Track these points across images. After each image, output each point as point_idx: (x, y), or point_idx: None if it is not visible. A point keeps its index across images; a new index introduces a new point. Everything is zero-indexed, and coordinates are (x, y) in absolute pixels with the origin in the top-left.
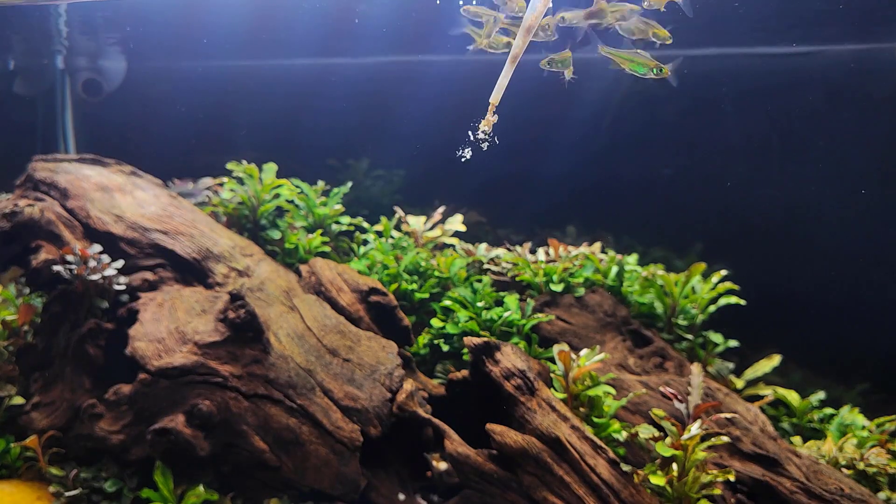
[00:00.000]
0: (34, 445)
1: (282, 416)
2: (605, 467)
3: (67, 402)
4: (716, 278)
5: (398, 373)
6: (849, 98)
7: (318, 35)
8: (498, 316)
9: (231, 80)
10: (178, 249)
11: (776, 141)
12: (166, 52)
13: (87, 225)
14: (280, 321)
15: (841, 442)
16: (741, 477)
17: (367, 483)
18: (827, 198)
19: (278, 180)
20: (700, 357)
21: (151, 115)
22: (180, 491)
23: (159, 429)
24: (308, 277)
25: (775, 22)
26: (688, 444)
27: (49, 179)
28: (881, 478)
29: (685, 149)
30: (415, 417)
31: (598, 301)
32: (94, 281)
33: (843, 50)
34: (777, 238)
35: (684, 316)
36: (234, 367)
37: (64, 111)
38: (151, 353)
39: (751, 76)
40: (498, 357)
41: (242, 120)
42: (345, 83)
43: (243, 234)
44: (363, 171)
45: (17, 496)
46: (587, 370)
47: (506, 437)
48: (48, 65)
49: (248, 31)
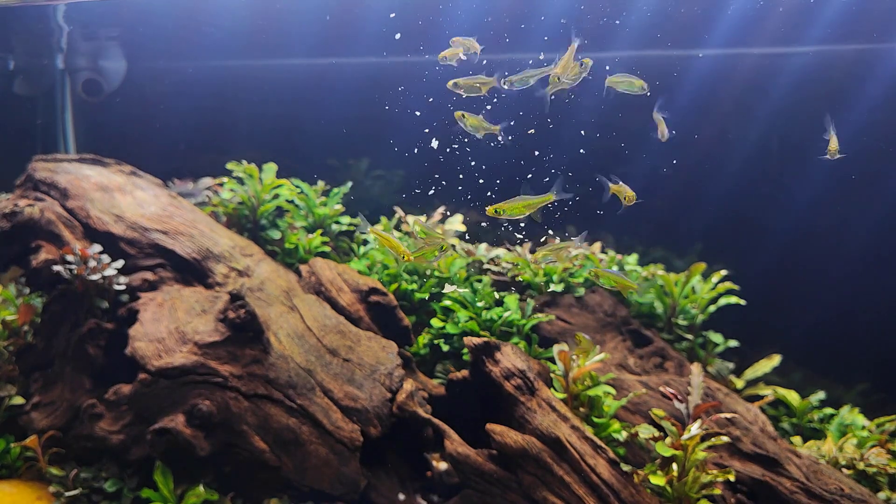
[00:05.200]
0: (34, 445)
1: (282, 416)
2: (605, 467)
3: (67, 402)
4: (716, 278)
5: (398, 373)
6: (849, 98)
7: (318, 35)
8: (498, 316)
9: (231, 80)
10: (178, 249)
11: (776, 141)
12: (166, 52)
13: (87, 225)
14: (280, 321)
15: (841, 442)
16: (741, 477)
17: (367, 483)
18: (827, 198)
19: (278, 180)
20: (700, 357)
21: (151, 115)
22: (180, 491)
23: (159, 429)
24: (308, 277)
25: (772, 23)
26: (688, 444)
27: (49, 179)
28: (881, 478)
29: (685, 149)
30: (415, 417)
31: (598, 301)
32: (94, 281)
33: (844, 50)
34: (777, 238)
35: (684, 316)
36: (234, 367)
37: (64, 111)
38: (151, 353)
39: (751, 76)
40: (498, 357)
41: (242, 120)
42: (345, 83)
43: (243, 234)
44: (363, 171)
45: (17, 496)
46: (587, 370)
47: (506, 437)
48: (48, 65)
49: (248, 32)
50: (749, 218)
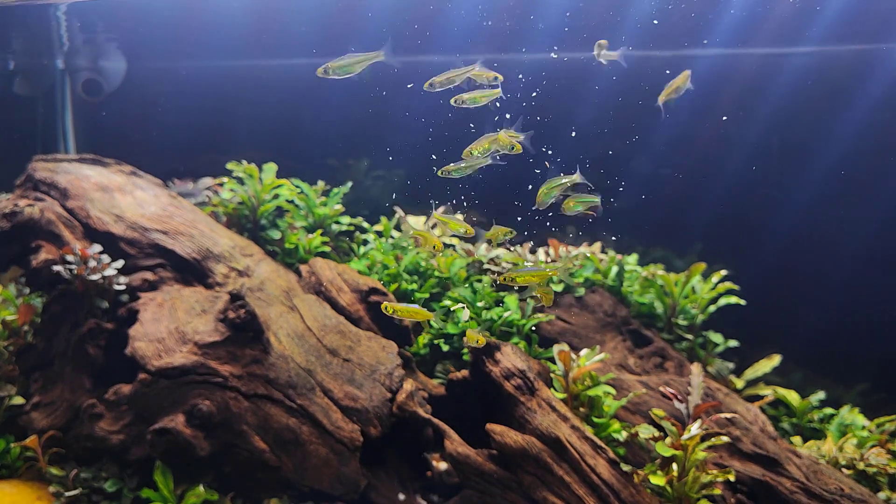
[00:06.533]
0: (34, 445)
1: (282, 416)
2: (605, 467)
3: (67, 402)
4: (716, 278)
5: (398, 373)
6: (849, 98)
7: (319, 35)
8: (498, 316)
9: (231, 80)
10: (178, 249)
11: (776, 141)
12: (166, 53)
13: (87, 225)
14: (280, 321)
15: (841, 442)
16: (741, 477)
17: (367, 483)
18: (827, 198)
19: (278, 180)
20: (700, 357)
21: (151, 115)
22: (180, 491)
23: (159, 429)
24: (308, 277)
25: (772, 23)
26: (688, 444)
27: (49, 179)
28: (881, 478)
29: (685, 149)
30: (415, 417)
31: (598, 301)
32: (94, 281)
33: (844, 50)
34: (777, 238)
35: (684, 316)
36: (234, 367)
37: (64, 111)
38: (151, 353)
39: (751, 76)
40: (498, 357)
41: (242, 120)
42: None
43: (243, 234)
44: (363, 171)
45: (17, 496)
46: (587, 370)
47: (506, 437)
48: (48, 65)
49: (247, 32)
50: (749, 218)
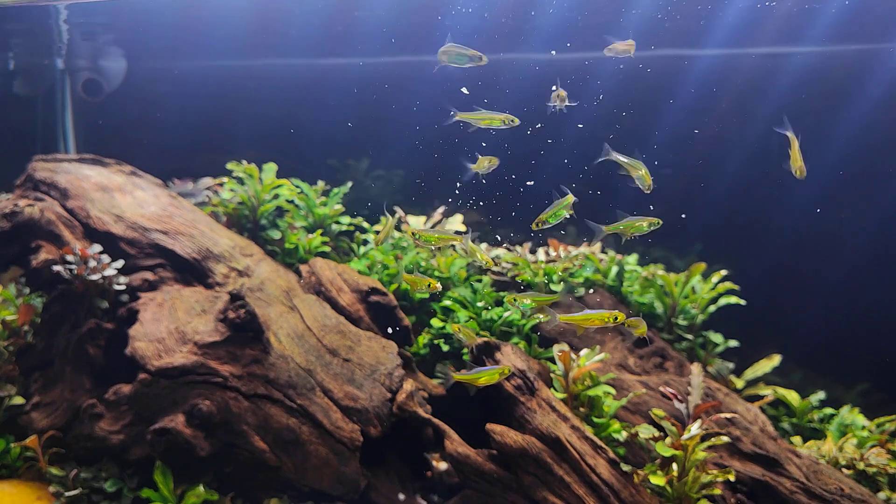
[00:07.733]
0: (34, 445)
1: (282, 416)
2: (605, 467)
3: (67, 402)
4: (716, 278)
5: (398, 373)
6: (849, 98)
7: (319, 35)
8: (498, 316)
9: (231, 80)
10: (178, 249)
11: (776, 141)
12: (166, 53)
13: (87, 225)
14: (280, 321)
15: (841, 442)
16: (741, 477)
17: (367, 483)
18: (827, 198)
19: (278, 180)
20: (700, 357)
21: (151, 115)
22: (180, 491)
23: (159, 429)
24: (308, 277)
25: (772, 23)
26: (688, 444)
27: (49, 179)
28: (881, 478)
29: (685, 149)
30: (415, 417)
31: (598, 301)
32: (94, 281)
33: (844, 50)
34: (777, 238)
35: (684, 316)
36: (234, 367)
37: (64, 111)
38: (151, 353)
39: (751, 76)
40: (498, 357)
41: (242, 120)
42: (345, 83)
43: (243, 234)
44: (363, 171)
45: (17, 496)
46: (587, 370)
47: (506, 437)
48: (48, 65)
49: (247, 32)
50: (749, 218)
